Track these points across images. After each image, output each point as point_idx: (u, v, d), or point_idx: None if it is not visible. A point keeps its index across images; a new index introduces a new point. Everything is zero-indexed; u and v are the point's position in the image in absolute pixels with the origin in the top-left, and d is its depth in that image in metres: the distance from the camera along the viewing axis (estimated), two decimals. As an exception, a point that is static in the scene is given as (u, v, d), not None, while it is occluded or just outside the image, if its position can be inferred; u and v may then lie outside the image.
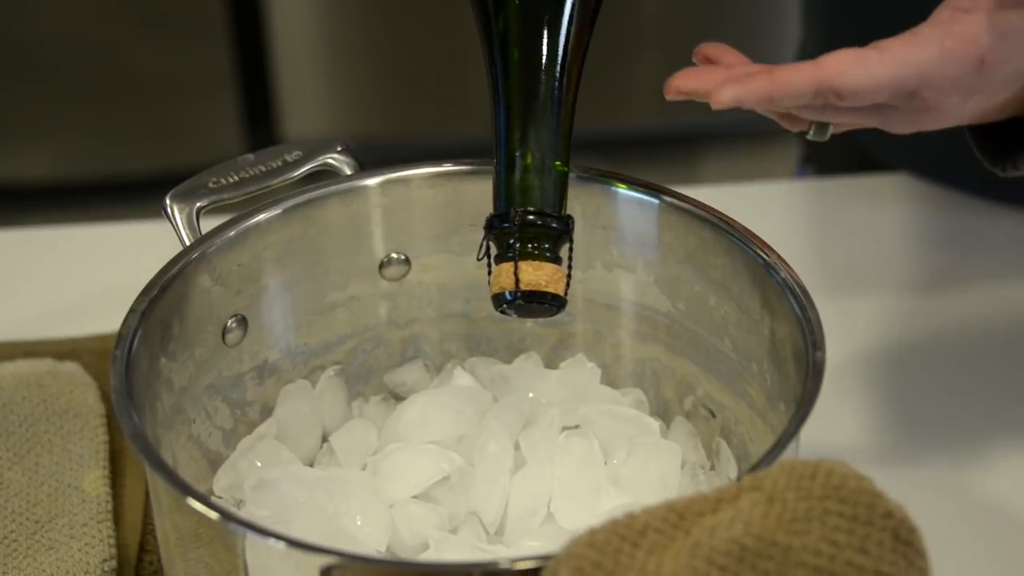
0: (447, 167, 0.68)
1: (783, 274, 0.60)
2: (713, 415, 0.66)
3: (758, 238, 0.62)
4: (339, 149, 0.69)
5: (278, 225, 0.65)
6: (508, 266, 0.58)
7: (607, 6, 0.62)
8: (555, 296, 0.59)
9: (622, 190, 0.66)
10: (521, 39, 0.59)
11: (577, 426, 0.66)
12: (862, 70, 0.58)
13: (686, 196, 0.65)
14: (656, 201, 0.65)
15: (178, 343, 0.62)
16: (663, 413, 0.68)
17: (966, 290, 0.82)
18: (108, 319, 0.73)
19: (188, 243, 0.64)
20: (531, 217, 0.58)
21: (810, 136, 0.61)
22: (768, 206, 0.89)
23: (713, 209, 0.64)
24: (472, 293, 0.70)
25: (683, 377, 0.67)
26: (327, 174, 0.68)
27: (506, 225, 0.58)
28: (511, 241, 0.58)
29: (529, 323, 0.70)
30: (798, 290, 0.60)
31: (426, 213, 0.68)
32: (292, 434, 0.66)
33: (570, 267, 0.59)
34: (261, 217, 0.65)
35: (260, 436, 0.65)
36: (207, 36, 1.88)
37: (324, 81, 1.98)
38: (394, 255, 0.69)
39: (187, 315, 0.63)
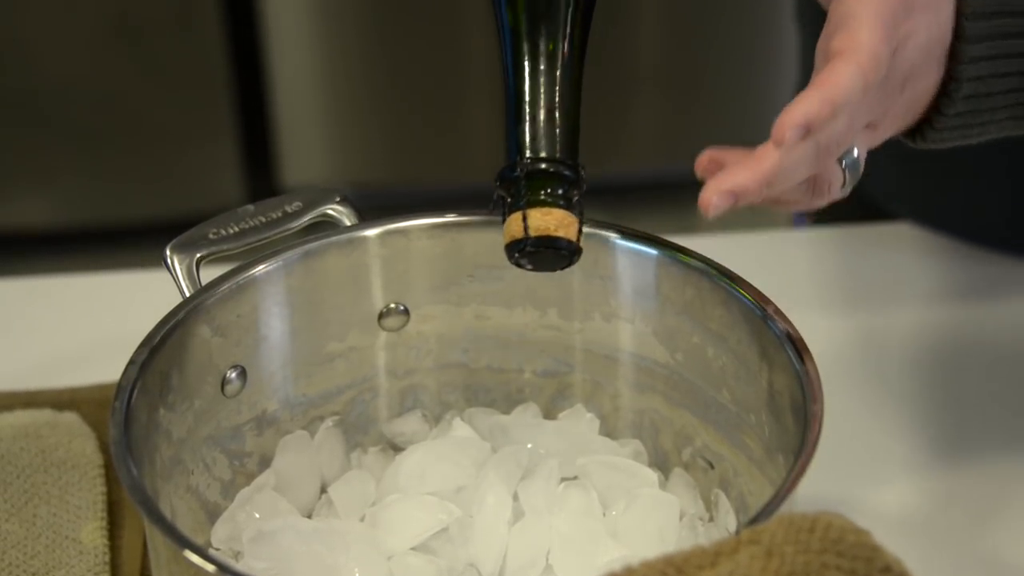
0: (446, 218, 0.68)
1: (781, 326, 0.61)
2: (712, 466, 0.66)
3: (756, 290, 0.62)
4: (338, 200, 0.69)
5: (278, 276, 0.66)
6: (517, 215, 0.57)
7: (604, 52, 0.63)
8: (568, 242, 0.58)
9: (620, 241, 0.66)
10: (527, 3, 0.59)
11: (575, 477, 0.66)
12: (844, 68, 0.56)
13: (684, 247, 0.65)
14: (654, 252, 0.66)
15: (177, 394, 0.62)
16: (662, 464, 0.68)
17: (969, 341, 0.82)
18: (108, 368, 0.73)
19: (188, 294, 0.64)
20: (540, 165, 0.57)
21: (848, 180, 0.60)
22: (767, 256, 0.89)
23: (711, 260, 0.64)
24: (471, 344, 0.70)
25: (682, 428, 0.67)
26: (327, 225, 0.69)
27: (515, 174, 0.58)
28: (520, 189, 0.57)
29: (527, 373, 0.70)
30: (796, 342, 0.60)
31: (425, 264, 0.68)
32: (290, 485, 0.66)
33: (582, 214, 0.58)
34: (261, 268, 0.65)
35: (258, 487, 0.65)
36: (207, 84, 1.89)
37: (324, 129, 1.99)
38: (393, 306, 0.69)
39: (187, 366, 0.63)
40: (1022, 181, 0.85)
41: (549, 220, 0.57)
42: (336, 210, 0.69)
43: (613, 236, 0.66)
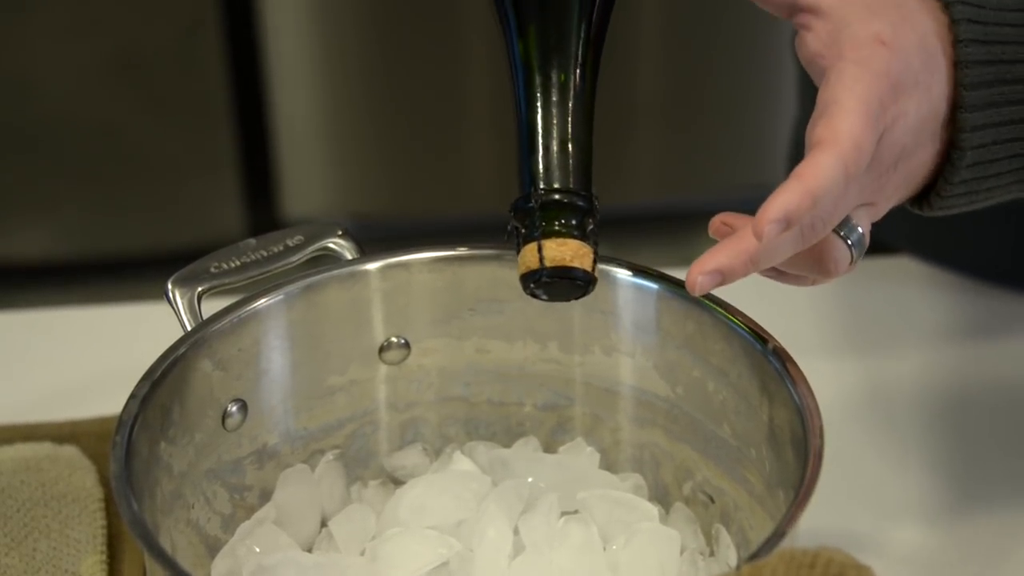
0: (447, 252, 0.68)
1: (781, 361, 0.61)
2: (712, 501, 0.66)
3: (756, 324, 0.63)
4: (340, 233, 0.69)
5: (279, 310, 0.66)
6: (532, 245, 0.58)
7: (604, 84, 0.63)
8: (583, 272, 0.58)
9: (621, 275, 0.66)
10: (539, 23, 0.60)
11: (576, 511, 0.66)
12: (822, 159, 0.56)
13: (684, 281, 0.65)
14: (655, 287, 0.66)
15: (178, 428, 0.62)
16: (662, 498, 0.68)
17: (972, 377, 0.82)
18: (108, 401, 0.73)
19: (189, 328, 0.64)
20: (554, 196, 0.58)
21: (855, 255, 0.60)
22: (767, 289, 0.89)
23: (711, 295, 0.64)
24: (471, 377, 0.70)
25: (682, 462, 0.67)
26: (328, 258, 0.69)
27: (529, 205, 0.58)
28: (534, 220, 0.58)
29: (527, 407, 0.70)
30: (796, 377, 0.60)
31: (426, 297, 0.68)
32: (291, 519, 0.66)
33: (596, 244, 0.59)
34: (262, 302, 0.65)
35: (259, 521, 0.65)
36: (209, 116, 1.89)
37: (325, 161, 1.99)
38: (394, 339, 0.69)
39: (188, 400, 0.63)
40: (1021, 214, 0.86)
41: (564, 251, 0.57)
42: (337, 244, 0.69)
43: (614, 270, 0.66)
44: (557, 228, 0.57)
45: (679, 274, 0.67)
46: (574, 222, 0.57)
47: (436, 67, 1.92)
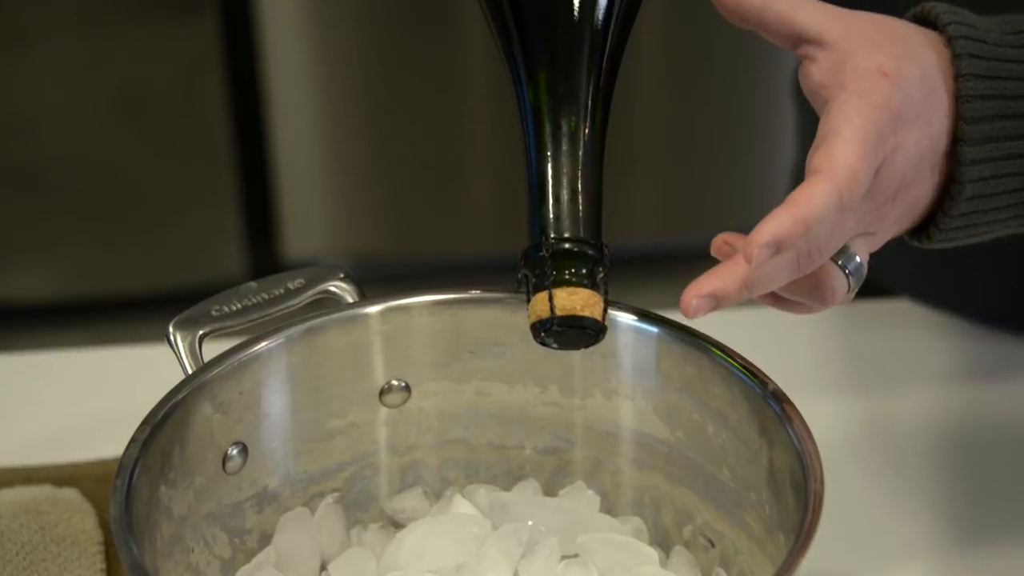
0: (447, 295, 0.68)
1: (781, 404, 0.61)
2: (712, 544, 0.66)
3: (756, 368, 0.63)
4: (341, 276, 0.70)
5: (280, 353, 0.66)
6: (543, 295, 0.58)
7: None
8: (594, 321, 0.58)
9: (620, 318, 0.66)
10: (549, 71, 0.60)
11: (576, 555, 0.66)
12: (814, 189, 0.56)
13: (684, 324, 0.65)
14: (654, 330, 0.66)
15: (178, 471, 0.62)
16: (662, 542, 0.68)
17: (971, 420, 0.82)
18: (108, 444, 0.73)
19: (190, 371, 0.64)
20: (565, 245, 0.58)
21: (852, 285, 0.60)
22: (767, 331, 0.89)
23: (711, 338, 0.64)
24: (471, 420, 0.70)
25: (682, 506, 0.67)
26: (329, 301, 0.69)
27: (540, 254, 0.58)
28: (545, 269, 0.58)
29: (528, 450, 0.70)
30: (796, 420, 0.60)
31: (426, 340, 0.69)
32: (291, 563, 0.66)
33: (607, 293, 0.59)
34: (263, 345, 0.65)
35: (259, 565, 0.65)
36: (210, 156, 1.90)
37: (326, 201, 2.00)
38: (394, 382, 0.69)
39: (188, 443, 0.63)
40: (1021, 257, 0.86)
41: (575, 300, 0.58)
42: (338, 287, 0.69)
43: (614, 313, 0.66)
44: (568, 277, 0.57)
45: (679, 316, 0.67)
46: (584, 271, 0.58)
47: (437, 108, 1.93)
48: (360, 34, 1.88)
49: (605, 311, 0.59)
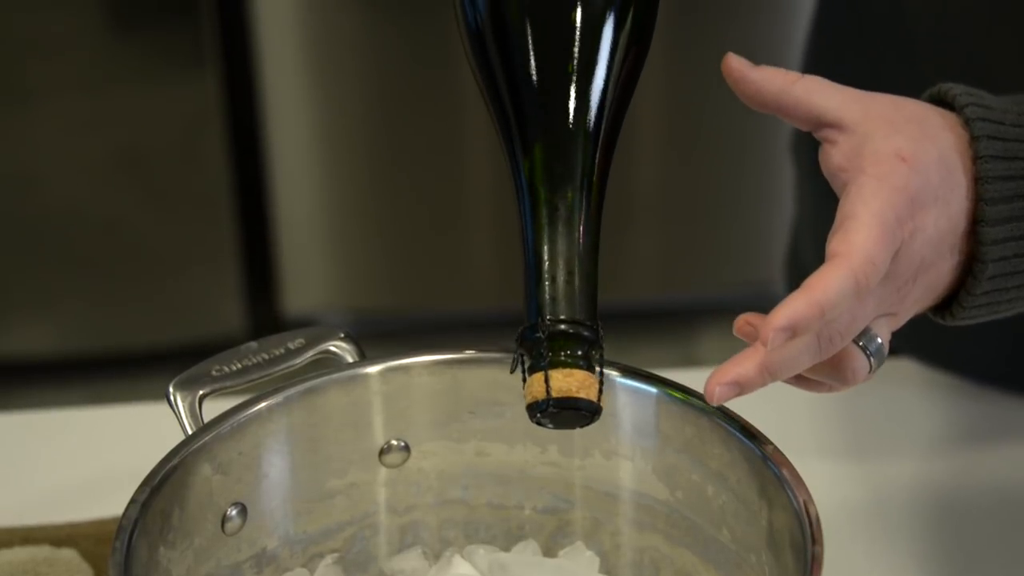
0: (447, 355, 0.68)
1: (780, 466, 0.61)
2: (712, 605, 0.66)
3: (755, 429, 0.63)
4: (341, 336, 0.70)
5: (279, 413, 0.66)
6: (539, 375, 0.58)
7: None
8: (588, 402, 0.58)
9: (620, 379, 0.66)
10: (545, 155, 0.60)
11: (576, 616, 0.66)
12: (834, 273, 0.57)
13: (683, 386, 0.65)
14: (654, 390, 0.66)
15: (177, 532, 0.62)
16: (662, 603, 0.68)
17: (968, 479, 0.82)
18: (107, 503, 0.73)
19: (190, 431, 0.64)
20: (561, 327, 0.58)
21: (873, 365, 0.60)
22: (764, 391, 0.89)
23: (710, 399, 0.64)
24: (471, 480, 0.70)
25: (682, 567, 0.67)
26: (329, 361, 0.69)
27: (536, 335, 0.58)
28: (541, 351, 0.58)
29: (527, 510, 0.70)
30: (795, 481, 0.60)
31: (426, 400, 0.69)
32: (290, 624, 0.66)
33: (602, 373, 0.59)
34: (263, 405, 0.66)
35: (257, 626, 0.65)
36: (211, 212, 1.91)
37: (326, 257, 2.00)
38: (394, 442, 0.69)
39: (187, 504, 0.63)
40: (1020, 317, 0.86)
41: (571, 381, 0.58)
42: (338, 347, 0.69)
43: (613, 374, 0.66)
44: (564, 359, 0.58)
45: (678, 374, 0.67)
46: (580, 353, 0.58)
47: (436, 165, 1.94)
48: (361, 91, 1.89)
49: (600, 392, 0.59)
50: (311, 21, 1.85)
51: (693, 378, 0.65)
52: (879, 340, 0.60)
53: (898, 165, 0.58)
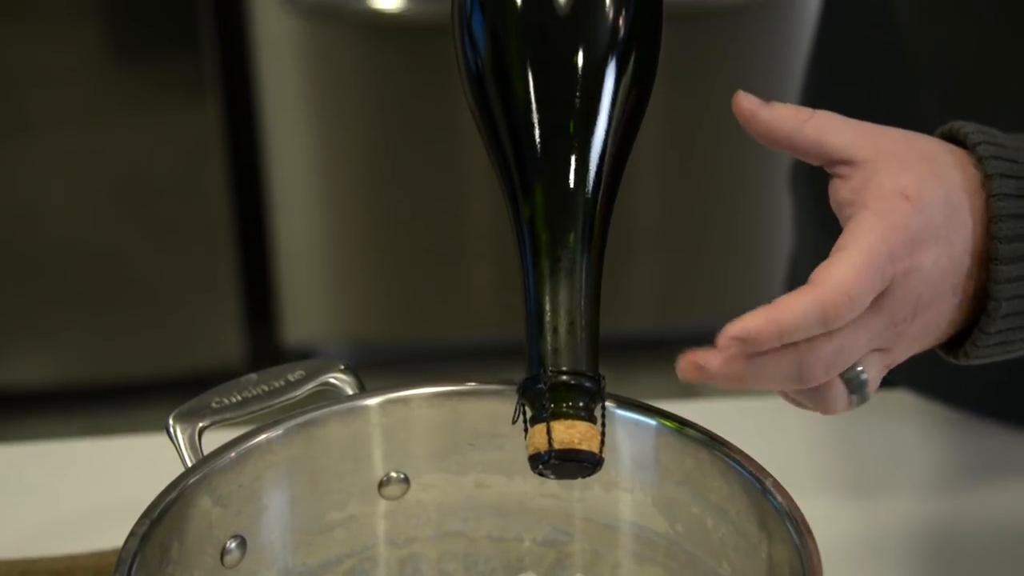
0: (447, 387, 0.68)
1: (780, 499, 0.61)
2: (712, 639, 0.65)
3: (755, 462, 0.63)
4: (341, 368, 0.70)
5: (279, 445, 0.66)
6: (541, 427, 0.58)
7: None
8: (590, 454, 0.58)
9: (619, 411, 0.66)
10: (546, 208, 0.60)
11: (575, 649, 0.66)
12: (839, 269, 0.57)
13: (683, 418, 0.66)
14: (653, 423, 0.66)
15: (177, 565, 0.62)
16: (662, 636, 0.68)
17: (968, 512, 0.82)
18: (106, 535, 0.73)
19: (190, 464, 0.64)
20: (563, 378, 0.58)
21: (854, 401, 0.60)
22: (765, 422, 0.89)
23: (710, 432, 0.64)
24: (470, 512, 0.70)
25: (682, 599, 0.67)
26: (329, 393, 0.69)
27: (539, 386, 0.58)
28: (543, 402, 0.58)
29: (527, 542, 0.70)
30: (795, 515, 0.60)
31: (426, 432, 0.69)
32: (289, 657, 0.66)
33: (603, 425, 0.59)
34: (263, 437, 0.66)
35: (256, 660, 0.65)
36: (212, 243, 1.91)
37: (326, 287, 2.01)
38: (394, 474, 0.69)
39: (186, 537, 0.63)
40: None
41: (573, 433, 0.58)
42: (338, 379, 0.70)
43: (612, 406, 0.66)
44: (566, 410, 0.58)
45: (677, 406, 0.67)
46: (582, 404, 0.58)
47: (437, 195, 1.94)
48: (361, 122, 1.90)
49: (602, 443, 0.59)
50: (312, 52, 1.86)
51: (692, 410, 0.65)
52: (864, 376, 0.60)
53: (901, 203, 0.58)
